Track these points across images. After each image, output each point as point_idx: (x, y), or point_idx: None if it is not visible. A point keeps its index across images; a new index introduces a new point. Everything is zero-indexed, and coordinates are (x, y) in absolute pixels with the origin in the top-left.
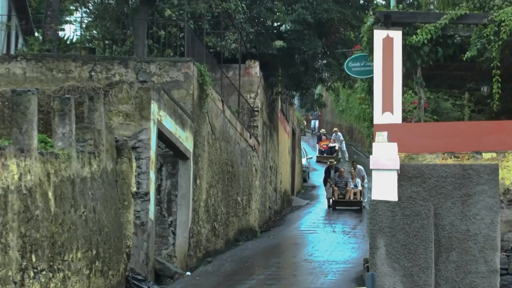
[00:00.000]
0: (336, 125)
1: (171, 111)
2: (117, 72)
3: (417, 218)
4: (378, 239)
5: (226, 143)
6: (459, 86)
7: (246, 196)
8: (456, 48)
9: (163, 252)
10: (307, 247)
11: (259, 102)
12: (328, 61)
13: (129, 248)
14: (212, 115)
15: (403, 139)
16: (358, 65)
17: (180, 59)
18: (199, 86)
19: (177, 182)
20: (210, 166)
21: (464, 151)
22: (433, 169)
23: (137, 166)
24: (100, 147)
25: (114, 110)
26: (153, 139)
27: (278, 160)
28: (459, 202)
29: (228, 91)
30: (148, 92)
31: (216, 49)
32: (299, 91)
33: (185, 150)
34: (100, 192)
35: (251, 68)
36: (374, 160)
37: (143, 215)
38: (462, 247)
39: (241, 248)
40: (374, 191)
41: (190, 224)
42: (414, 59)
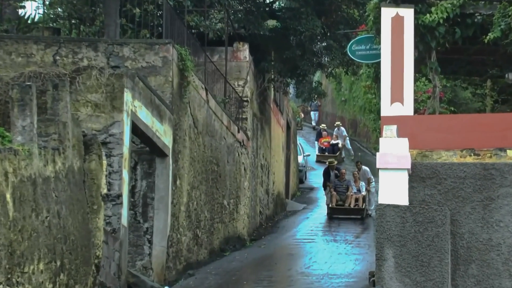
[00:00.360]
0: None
1: (147, 101)
2: (85, 56)
3: (431, 225)
4: (385, 250)
5: (210, 138)
6: (480, 72)
7: (234, 199)
8: (477, 29)
9: (137, 264)
10: (303, 258)
11: (248, 90)
12: (328, 44)
13: (99, 259)
14: (195, 106)
15: (415, 133)
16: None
17: (158, 41)
18: (180, 72)
19: (154, 183)
20: (192, 164)
21: (486, 147)
22: (449, 168)
23: (108, 164)
24: (66, 143)
25: (82, 99)
26: (126, 134)
27: (271, 158)
28: (480, 207)
29: (213, 78)
30: (121, 79)
31: (199, 30)
32: (295, 78)
33: (163, 146)
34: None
35: (240, 52)
36: (381, 158)
37: (114, 220)
38: (483, 258)
39: (228, 259)
40: (382, 194)
41: (168, 232)
42: (428, 41)
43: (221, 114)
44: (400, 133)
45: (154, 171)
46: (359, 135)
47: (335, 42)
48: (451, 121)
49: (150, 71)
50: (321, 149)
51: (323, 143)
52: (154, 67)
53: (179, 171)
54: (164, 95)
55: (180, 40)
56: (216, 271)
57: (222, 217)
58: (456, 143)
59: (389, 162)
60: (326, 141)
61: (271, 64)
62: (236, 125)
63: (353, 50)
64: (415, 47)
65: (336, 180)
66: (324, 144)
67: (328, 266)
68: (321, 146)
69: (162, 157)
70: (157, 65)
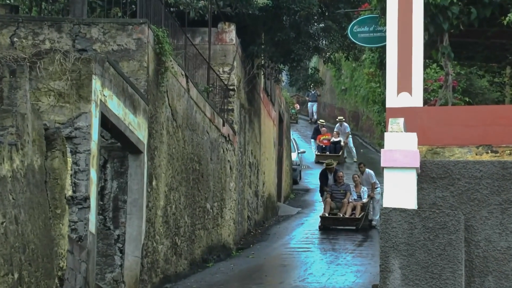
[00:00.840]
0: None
1: (119, 89)
2: (47, 37)
3: (443, 231)
4: (391, 260)
5: (191, 133)
6: (498, 58)
7: (218, 202)
8: (495, 9)
9: (107, 276)
10: (298, 270)
11: (235, 78)
12: (326, 25)
13: (63, 271)
14: (173, 95)
15: (425, 128)
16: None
17: (131, 20)
18: (156, 56)
19: (127, 183)
20: (171, 162)
21: (505, 143)
22: (464, 167)
23: (74, 162)
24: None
25: (43, 88)
26: (94, 127)
27: (261, 155)
28: (498, 211)
29: (194, 64)
30: (89, 65)
31: (179, 8)
32: (288, 64)
33: (137, 142)
34: (25, 197)
35: (225, 34)
36: (386, 155)
37: (81, 227)
38: (501, 270)
39: (211, 271)
40: (387, 197)
41: (143, 240)
42: (439, 22)
43: (203, 105)
44: (408, 127)
45: (127, 170)
46: (361, 129)
47: (334, 23)
48: (465, 113)
49: (122, 55)
50: (320, 147)
51: (322, 141)
52: (126, 51)
53: (155, 170)
54: (139, 82)
55: (157, 20)
56: (198, 285)
57: (205, 223)
58: (471, 138)
59: (395, 160)
60: (325, 139)
61: (261, 47)
62: (221, 118)
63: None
64: (425, 29)
65: (333, 185)
66: (323, 142)
67: (325, 278)
68: (321, 145)
69: (135, 154)
70: (130, 48)
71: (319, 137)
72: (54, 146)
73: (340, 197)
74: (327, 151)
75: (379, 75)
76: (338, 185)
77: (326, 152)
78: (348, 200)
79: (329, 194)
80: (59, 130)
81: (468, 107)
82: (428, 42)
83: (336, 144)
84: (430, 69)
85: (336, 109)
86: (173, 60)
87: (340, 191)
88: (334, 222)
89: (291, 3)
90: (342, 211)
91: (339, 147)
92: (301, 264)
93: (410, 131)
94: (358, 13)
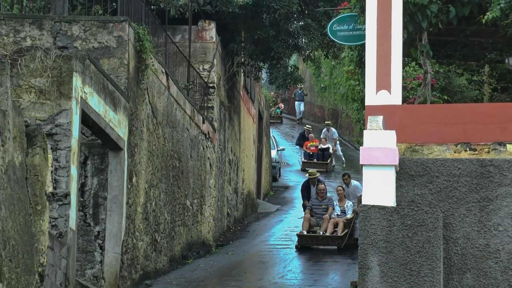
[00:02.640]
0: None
1: (100, 87)
2: (28, 35)
3: (421, 229)
4: (370, 257)
5: (171, 130)
6: (477, 57)
7: (198, 199)
8: (474, 8)
9: (87, 272)
10: (277, 266)
11: (215, 76)
12: (306, 23)
13: (43, 267)
14: (154, 93)
15: (404, 125)
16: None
17: (112, 18)
18: (137, 54)
19: (107, 180)
20: (151, 159)
21: (483, 141)
22: (442, 165)
23: (54, 159)
24: (6, 134)
25: (24, 85)
26: (75, 124)
27: (240, 152)
28: (476, 209)
29: (174, 61)
30: (69, 62)
31: (159, 6)
32: (268, 62)
33: (118, 139)
34: (5, 193)
35: (205, 31)
36: (365, 152)
37: (61, 223)
38: (479, 267)
39: (191, 267)
40: (366, 194)
41: (123, 236)
42: (418, 21)
43: (183, 102)
44: (387, 125)
45: (107, 166)
46: (340, 126)
47: (313, 21)
48: (444, 111)
49: (103, 53)
50: (307, 155)
51: (309, 148)
52: (107, 48)
53: (135, 167)
54: (119, 80)
55: (138, 17)
56: (177, 281)
57: (185, 220)
58: (450, 136)
59: (374, 157)
60: (313, 145)
61: (241, 45)
62: (201, 115)
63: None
64: (404, 27)
65: (314, 199)
66: (311, 149)
67: (304, 275)
68: (307, 151)
69: (116, 151)
70: (111, 45)
71: (306, 143)
72: (35, 142)
73: (321, 212)
74: (315, 159)
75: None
76: (319, 199)
77: (313, 159)
78: (329, 215)
79: (309, 209)
80: (40, 127)
81: (446, 105)
82: (407, 41)
83: (324, 151)
84: (409, 67)
85: (316, 107)
86: (154, 57)
87: (321, 206)
88: (312, 240)
89: (271, 1)
90: (322, 228)
91: (327, 154)
92: (280, 261)
93: (389, 129)
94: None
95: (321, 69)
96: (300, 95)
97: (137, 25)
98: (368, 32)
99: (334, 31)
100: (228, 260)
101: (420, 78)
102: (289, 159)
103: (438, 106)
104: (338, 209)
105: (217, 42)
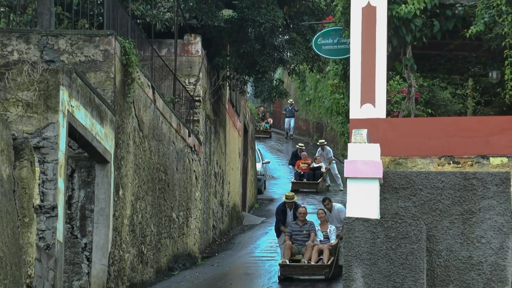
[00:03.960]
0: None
1: (86, 100)
2: (15, 48)
3: (405, 241)
4: (354, 269)
5: (157, 143)
6: (460, 70)
7: (184, 211)
8: (458, 22)
9: (74, 284)
10: (262, 278)
11: (201, 89)
12: (291, 37)
13: (31, 279)
14: (140, 106)
15: (388, 138)
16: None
17: (98, 32)
18: (123, 68)
19: (94, 193)
20: (137, 172)
21: (467, 155)
22: (426, 178)
23: (41, 171)
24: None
25: (12, 98)
26: (62, 137)
27: (226, 165)
28: (459, 221)
29: (160, 75)
30: (56, 75)
31: (145, 20)
32: (253, 76)
33: (104, 152)
34: None
35: (191, 45)
36: (349, 165)
37: (48, 235)
38: (462, 279)
39: (177, 279)
40: (350, 207)
41: (110, 248)
42: (402, 35)
43: (169, 115)
44: (371, 138)
45: (94, 179)
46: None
47: (298, 35)
48: (428, 125)
49: (89, 66)
50: (298, 174)
51: (301, 167)
52: (94, 62)
53: (122, 179)
54: (105, 93)
55: (124, 31)
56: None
57: (171, 232)
58: (433, 149)
59: (359, 170)
60: (305, 164)
61: (227, 59)
62: (187, 128)
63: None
64: (389, 41)
65: (294, 224)
66: (302, 168)
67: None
68: (299, 171)
69: (102, 164)
70: (98, 59)
71: (298, 162)
72: (22, 156)
73: (302, 239)
74: (305, 178)
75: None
76: (300, 224)
77: (303, 179)
78: (313, 242)
79: (289, 236)
80: (27, 140)
81: (430, 118)
82: (391, 54)
83: (316, 170)
84: (393, 81)
85: (300, 120)
86: (140, 71)
87: (302, 231)
88: (297, 270)
89: (256, 15)
90: (306, 256)
91: (318, 174)
92: (265, 272)
93: (373, 142)
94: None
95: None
96: (290, 111)
97: (123, 39)
98: (353, 46)
99: (319, 45)
100: (213, 271)
101: (404, 91)
102: (274, 172)
103: (422, 119)
104: (320, 234)
105: (202, 56)
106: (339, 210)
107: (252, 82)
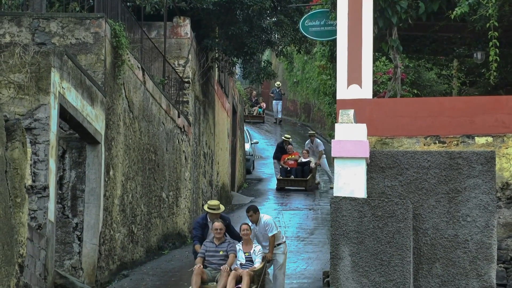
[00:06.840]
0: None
1: (77, 82)
2: (7, 31)
3: (392, 220)
4: (341, 247)
5: (147, 124)
6: (445, 51)
7: (173, 191)
8: (443, 3)
9: (66, 263)
10: None
11: (190, 71)
12: (278, 19)
13: (23, 258)
14: (130, 88)
15: (374, 119)
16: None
17: (89, 15)
18: (113, 50)
19: (85, 173)
20: (127, 153)
21: (452, 134)
22: (412, 157)
23: (33, 152)
24: None
25: (4, 80)
26: (53, 118)
27: (215, 146)
28: (445, 200)
29: (150, 57)
30: (48, 58)
31: (135, 3)
32: (242, 57)
33: (95, 133)
34: None
35: (180, 28)
36: (336, 145)
37: (40, 215)
38: (448, 257)
39: (167, 258)
40: (337, 186)
41: (100, 228)
42: (388, 16)
43: (159, 96)
44: (358, 118)
45: (85, 160)
46: (313, 120)
47: (286, 17)
48: (414, 105)
49: (80, 49)
50: (284, 170)
51: (287, 162)
52: (84, 44)
53: (112, 160)
54: (96, 75)
55: (114, 14)
56: (154, 272)
57: (161, 212)
58: (419, 129)
59: (346, 150)
60: (291, 159)
61: (215, 41)
62: (176, 109)
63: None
64: (375, 23)
65: (208, 242)
66: (288, 163)
67: None
68: (285, 166)
69: (93, 145)
70: (88, 42)
71: (284, 156)
72: (14, 137)
73: (219, 262)
74: (292, 175)
75: (330, 68)
76: (216, 243)
77: (290, 175)
78: (229, 267)
79: (201, 258)
80: (19, 121)
81: (416, 99)
82: (377, 36)
83: (304, 165)
84: (380, 62)
85: (288, 101)
86: (130, 53)
87: (218, 252)
88: None
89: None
90: (220, 285)
91: (307, 170)
92: None
93: (360, 122)
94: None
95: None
96: (278, 93)
97: (114, 21)
98: (339, 27)
99: (306, 27)
100: None
101: (390, 72)
102: (262, 152)
103: (408, 100)
104: (241, 256)
105: (191, 38)
106: (265, 224)
107: (240, 63)
